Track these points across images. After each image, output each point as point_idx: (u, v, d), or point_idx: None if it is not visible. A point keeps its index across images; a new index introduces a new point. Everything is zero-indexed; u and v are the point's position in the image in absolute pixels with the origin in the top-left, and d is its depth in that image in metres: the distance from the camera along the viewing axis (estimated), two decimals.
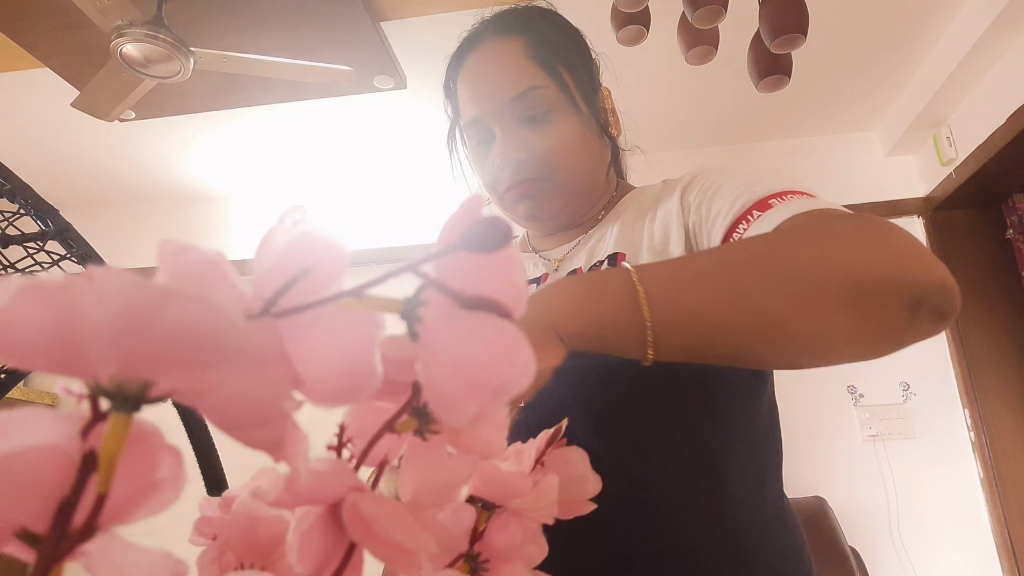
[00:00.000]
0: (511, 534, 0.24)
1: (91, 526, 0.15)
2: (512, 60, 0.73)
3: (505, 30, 0.76)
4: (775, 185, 0.58)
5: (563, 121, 0.73)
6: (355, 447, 0.20)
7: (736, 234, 0.58)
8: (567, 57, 0.76)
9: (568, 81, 0.75)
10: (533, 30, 0.76)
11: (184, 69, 1.69)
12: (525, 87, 0.72)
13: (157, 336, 0.13)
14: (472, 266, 0.17)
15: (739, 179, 0.62)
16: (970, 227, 2.52)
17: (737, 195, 0.60)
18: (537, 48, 0.74)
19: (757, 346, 0.43)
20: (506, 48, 0.74)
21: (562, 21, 0.81)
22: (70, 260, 0.51)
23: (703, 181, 0.67)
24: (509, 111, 0.72)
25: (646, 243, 0.70)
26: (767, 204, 0.57)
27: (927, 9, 2.01)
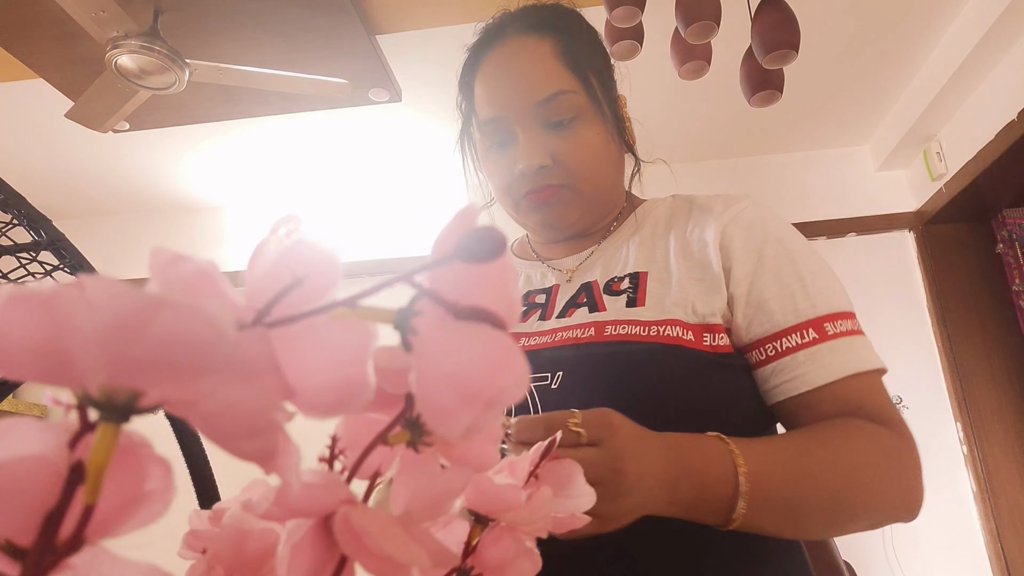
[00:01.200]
0: (504, 548, 0.24)
1: (78, 539, 0.15)
2: (541, 60, 0.70)
3: (534, 28, 0.72)
4: (827, 301, 0.64)
5: (589, 128, 0.71)
6: (347, 459, 0.20)
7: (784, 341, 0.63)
8: (595, 62, 0.74)
9: (596, 87, 0.72)
10: (563, 30, 0.72)
11: (179, 81, 1.69)
12: (554, 91, 0.69)
13: (147, 345, 0.13)
14: (466, 276, 0.17)
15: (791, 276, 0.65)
16: (960, 241, 2.54)
17: (793, 302, 0.64)
18: (567, 50, 0.71)
19: (813, 530, 0.58)
20: (535, 47, 0.71)
21: (587, 23, 0.78)
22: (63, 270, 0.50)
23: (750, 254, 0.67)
24: (534, 114, 0.69)
25: (675, 265, 0.69)
26: (823, 329, 0.63)
27: (917, 25, 2.04)
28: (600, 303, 0.70)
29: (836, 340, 0.62)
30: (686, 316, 0.65)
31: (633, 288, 0.69)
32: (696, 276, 0.67)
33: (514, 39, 0.72)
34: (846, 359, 0.62)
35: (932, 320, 2.49)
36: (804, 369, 0.62)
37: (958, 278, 2.48)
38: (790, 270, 0.65)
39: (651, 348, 0.62)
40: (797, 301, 0.64)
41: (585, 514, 0.29)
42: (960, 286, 2.47)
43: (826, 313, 0.63)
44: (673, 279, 0.68)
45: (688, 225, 0.73)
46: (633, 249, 0.74)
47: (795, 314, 0.63)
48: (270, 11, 1.74)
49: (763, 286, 0.65)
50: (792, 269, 0.65)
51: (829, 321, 0.63)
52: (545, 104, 0.69)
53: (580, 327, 0.67)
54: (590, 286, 0.73)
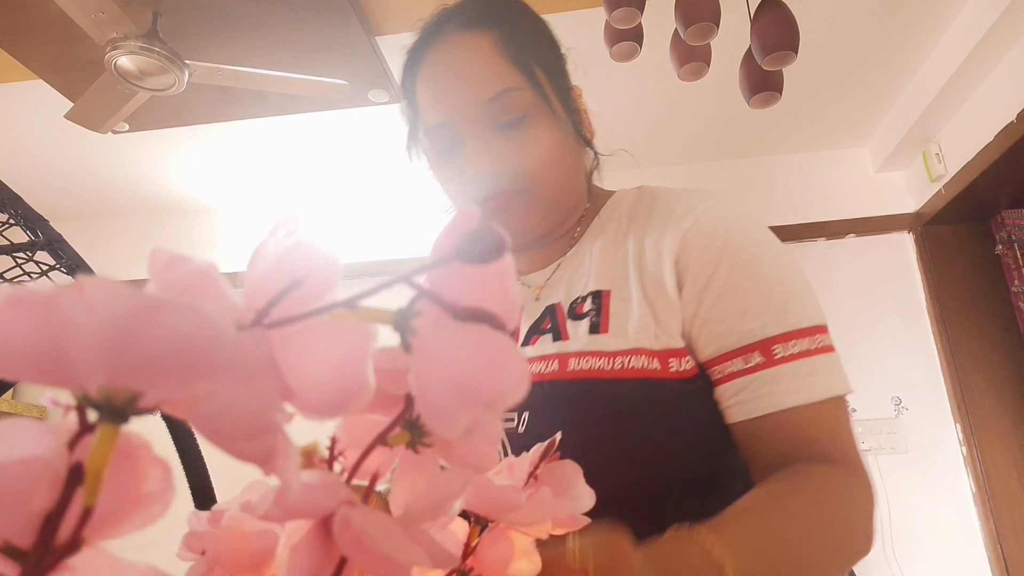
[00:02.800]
0: (504, 549, 0.24)
1: (77, 540, 0.15)
2: (483, 58, 0.65)
3: (473, 23, 0.67)
4: (780, 319, 0.59)
5: (540, 126, 0.66)
6: (347, 460, 0.20)
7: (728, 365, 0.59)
8: (541, 54, 0.69)
9: (544, 82, 0.67)
10: (504, 23, 0.67)
11: (178, 82, 1.69)
12: (499, 89, 0.64)
13: (146, 346, 0.13)
14: (466, 277, 0.17)
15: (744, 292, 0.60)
16: (960, 242, 2.54)
17: (741, 322, 0.59)
18: (510, 44, 0.66)
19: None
20: (475, 44, 0.66)
21: (532, 13, 0.73)
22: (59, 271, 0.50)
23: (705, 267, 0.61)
24: (481, 116, 0.65)
25: (633, 282, 0.65)
26: (770, 352, 0.58)
27: (917, 27, 2.04)
28: (563, 330, 0.67)
29: (784, 365, 0.57)
30: (650, 342, 0.61)
31: (596, 311, 0.65)
32: (652, 294, 0.63)
33: (453, 37, 0.67)
34: (791, 387, 0.57)
35: (931, 321, 2.49)
36: (743, 397, 0.59)
37: (957, 279, 2.49)
38: (744, 284, 0.60)
39: (617, 386, 0.60)
40: (746, 321, 0.59)
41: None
42: (959, 287, 2.47)
43: (777, 333, 0.58)
44: (633, 299, 0.64)
45: (647, 228, 0.68)
46: (595, 260, 0.69)
47: (742, 335, 0.59)
48: (269, 12, 1.74)
49: (711, 305, 0.60)
50: (747, 283, 0.60)
51: (780, 342, 0.58)
52: (491, 104, 0.64)
53: (544, 359, 0.65)
54: (554, 309, 0.69)
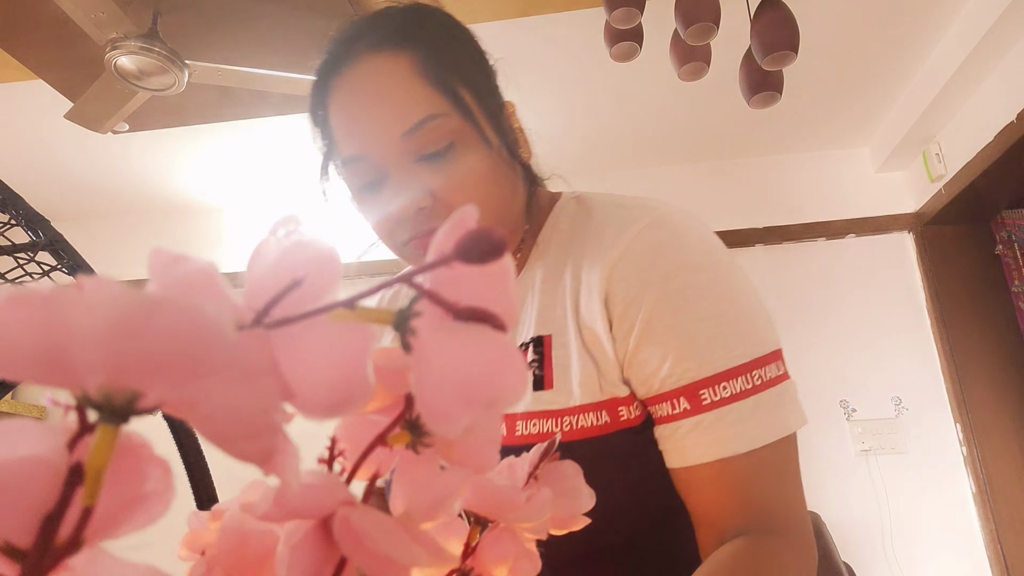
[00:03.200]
0: (504, 549, 0.24)
1: (77, 540, 0.15)
2: (400, 82, 0.58)
3: (386, 42, 0.60)
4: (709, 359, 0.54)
5: (469, 154, 0.59)
6: (346, 460, 0.20)
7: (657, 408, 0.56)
8: (466, 73, 0.61)
9: (471, 104, 0.60)
10: (422, 40, 0.60)
11: (179, 82, 1.69)
12: (420, 117, 0.57)
13: (146, 346, 0.13)
14: (466, 277, 0.17)
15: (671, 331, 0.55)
16: (960, 243, 2.54)
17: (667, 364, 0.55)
18: (430, 64, 0.59)
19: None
20: (390, 66, 0.59)
21: (452, 23, 0.65)
22: (61, 271, 0.50)
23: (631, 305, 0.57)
24: (402, 147, 0.58)
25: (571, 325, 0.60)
26: (697, 398, 0.54)
27: (917, 27, 2.04)
28: None
29: (712, 412, 0.53)
30: (595, 395, 0.57)
31: (538, 361, 0.60)
32: (588, 340, 0.59)
33: (365, 58, 0.60)
34: (718, 437, 0.53)
35: (931, 321, 2.49)
36: (671, 444, 0.56)
37: (957, 279, 2.48)
38: (668, 323, 0.55)
39: (568, 449, 0.52)
40: (670, 364, 0.54)
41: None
42: (959, 287, 2.47)
43: (704, 377, 0.54)
44: (572, 346, 0.59)
45: (583, 258, 0.62)
46: (537, 296, 0.63)
47: (665, 380, 0.55)
48: (269, 12, 1.74)
49: (635, 347, 0.56)
50: (671, 321, 0.55)
51: (708, 386, 0.53)
52: (412, 134, 0.57)
53: None
54: None
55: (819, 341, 2.47)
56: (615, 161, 2.70)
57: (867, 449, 2.38)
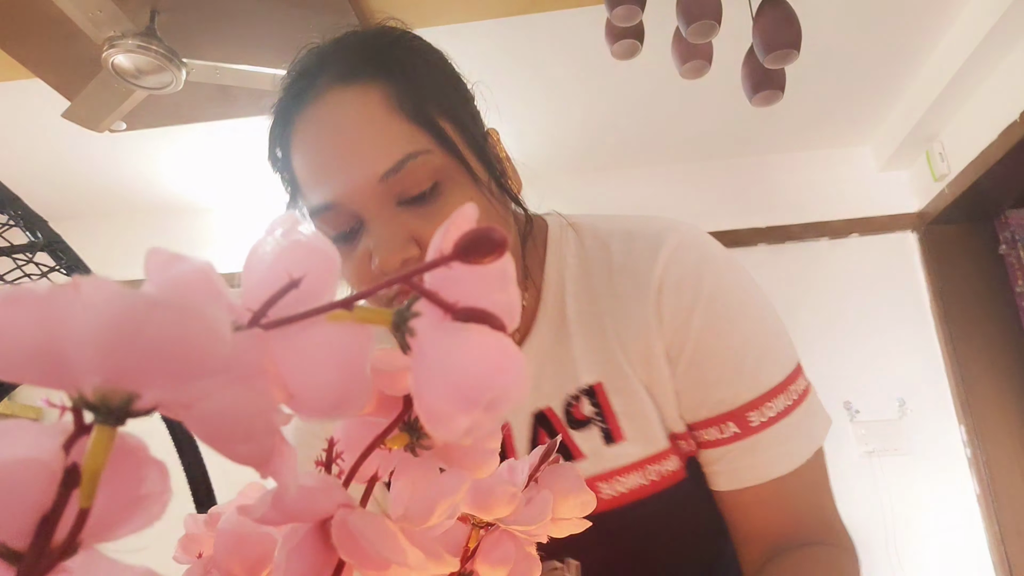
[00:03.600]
0: (504, 552, 0.23)
1: (73, 542, 0.15)
2: (373, 118, 0.51)
3: (355, 73, 0.53)
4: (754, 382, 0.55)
5: (456, 193, 0.52)
6: (345, 462, 0.20)
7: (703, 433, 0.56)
8: (446, 101, 0.55)
9: (455, 136, 0.53)
10: (394, 68, 0.53)
11: (176, 80, 1.69)
12: (399, 156, 0.50)
13: (143, 347, 0.13)
14: (465, 277, 0.17)
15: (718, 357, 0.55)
16: (963, 242, 2.53)
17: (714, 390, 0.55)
18: (405, 95, 0.52)
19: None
20: (361, 100, 0.52)
21: (425, 47, 0.59)
22: (59, 271, 0.50)
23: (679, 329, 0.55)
24: (381, 192, 0.51)
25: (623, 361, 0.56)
26: (745, 422, 0.54)
27: (919, 25, 2.03)
28: (573, 448, 0.57)
29: (761, 434, 0.54)
30: (664, 434, 0.56)
31: (599, 413, 0.57)
32: (646, 377, 0.56)
33: (331, 93, 0.53)
34: (769, 458, 0.54)
35: (935, 321, 2.48)
36: (720, 467, 0.56)
37: (961, 279, 2.48)
38: (716, 348, 0.55)
39: (661, 502, 0.55)
40: (719, 390, 0.54)
41: None
42: (963, 287, 2.47)
43: (751, 399, 0.54)
44: (634, 388, 0.56)
45: (613, 298, 0.58)
46: (566, 344, 0.58)
47: (715, 406, 0.55)
48: (267, 11, 1.74)
49: (684, 373, 0.55)
50: (719, 345, 0.55)
51: (755, 408, 0.54)
52: (392, 176, 0.50)
53: None
54: (544, 417, 0.58)
55: (822, 342, 2.47)
56: (616, 160, 2.70)
57: (871, 451, 2.38)
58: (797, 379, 0.56)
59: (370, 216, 0.52)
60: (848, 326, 2.49)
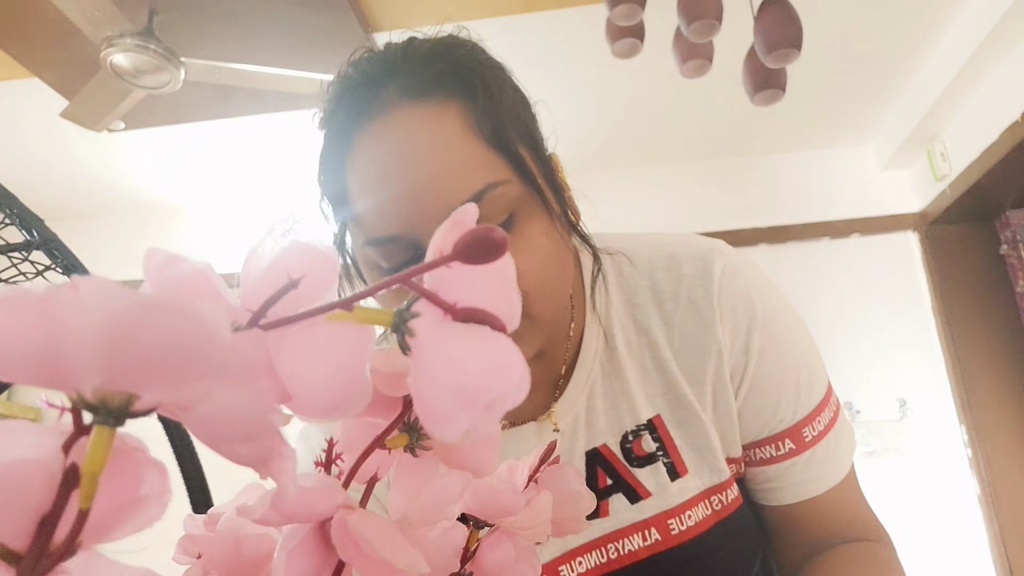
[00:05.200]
0: (504, 553, 0.23)
1: (72, 543, 0.15)
2: (450, 141, 0.45)
3: (429, 88, 0.47)
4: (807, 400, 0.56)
5: (531, 227, 0.48)
6: (344, 463, 0.20)
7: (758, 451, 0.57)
8: (522, 125, 0.50)
9: (530, 164, 0.49)
10: (472, 84, 0.47)
11: (174, 80, 1.69)
12: (479, 187, 0.45)
13: (142, 347, 0.13)
14: (465, 278, 0.17)
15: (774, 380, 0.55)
16: (964, 242, 2.53)
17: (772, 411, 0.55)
18: (485, 117, 0.46)
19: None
20: (436, 120, 0.46)
21: (496, 63, 0.53)
22: (55, 271, 0.50)
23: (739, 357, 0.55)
24: None
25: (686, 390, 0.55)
26: (800, 437, 0.55)
27: (921, 24, 2.03)
28: (636, 484, 0.55)
29: (814, 448, 0.55)
30: (723, 462, 0.55)
31: (661, 447, 0.55)
32: (711, 399, 0.55)
33: (400, 110, 0.46)
34: (823, 472, 0.56)
35: (936, 322, 2.48)
36: (777, 484, 0.56)
37: (962, 279, 2.47)
38: (773, 371, 0.55)
39: (724, 529, 0.54)
40: (779, 411, 0.55)
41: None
42: (964, 287, 2.46)
43: (804, 416, 0.55)
44: (691, 416, 0.55)
45: (668, 326, 0.56)
46: (629, 376, 0.56)
47: (775, 426, 0.55)
48: (266, 9, 1.74)
49: (744, 397, 0.55)
50: (775, 370, 0.55)
51: (807, 424, 0.55)
52: None
53: (637, 530, 0.54)
54: (599, 455, 0.55)
55: (822, 342, 2.45)
56: (616, 159, 2.70)
57: (871, 451, 2.37)
58: (831, 391, 0.58)
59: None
60: (848, 327, 2.49)
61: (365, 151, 0.47)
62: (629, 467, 0.55)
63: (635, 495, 0.55)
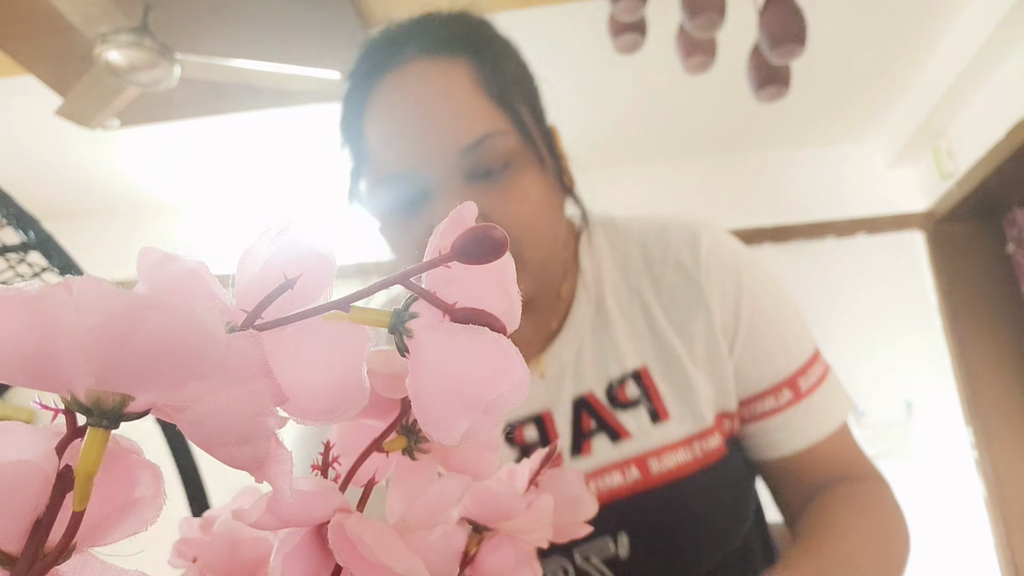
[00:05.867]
0: (503, 557, 0.23)
1: (67, 546, 0.15)
2: (460, 92, 0.53)
3: (443, 47, 0.54)
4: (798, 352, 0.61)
5: (524, 176, 0.54)
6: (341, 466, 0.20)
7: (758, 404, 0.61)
8: (525, 88, 0.58)
9: (529, 123, 0.56)
10: (482, 47, 0.55)
11: (169, 76, 1.69)
12: (481, 133, 0.52)
13: (136, 349, 0.13)
14: (464, 278, 0.16)
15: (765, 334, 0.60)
16: (971, 241, 2.51)
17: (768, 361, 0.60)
18: (491, 75, 0.54)
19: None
20: (447, 73, 0.53)
21: (504, 36, 0.60)
22: (52, 271, 0.50)
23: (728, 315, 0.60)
24: (456, 165, 0.52)
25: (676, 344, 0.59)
26: (796, 387, 0.60)
27: (926, 21, 2.02)
28: (617, 427, 0.58)
29: (810, 397, 0.59)
30: (712, 413, 0.59)
31: (645, 394, 0.59)
32: (703, 352, 0.59)
33: (417, 63, 0.54)
34: (820, 419, 0.59)
35: (942, 322, 2.46)
36: (780, 435, 0.60)
37: (969, 279, 2.46)
38: (763, 326, 0.60)
39: (707, 478, 0.57)
40: (772, 360, 0.59)
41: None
42: (970, 286, 2.45)
43: (798, 367, 0.60)
44: (679, 368, 0.59)
45: (657, 286, 0.61)
46: (617, 331, 0.61)
47: (774, 376, 0.59)
48: (262, 5, 1.73)
49: (741, 351, 0.60)
50: (769, 325, 0.60)
51: (802, 375, 0.60)
52: (470, 152, 0.52)
53: (618, 468, 0.57)
54: (586, 402, 0.60)
55: (828, 342, 2.44)
56: (618, 156, 2.69)
57: (877, 453, 2.36)
58: (819, 352, 0.63)
59: (440, 189, 0.53)
60: (854, 327, 2.48)
61: (382, 97, 0.55)
62: (612, 411, 0.59)
63: (616, 435, 0.59)
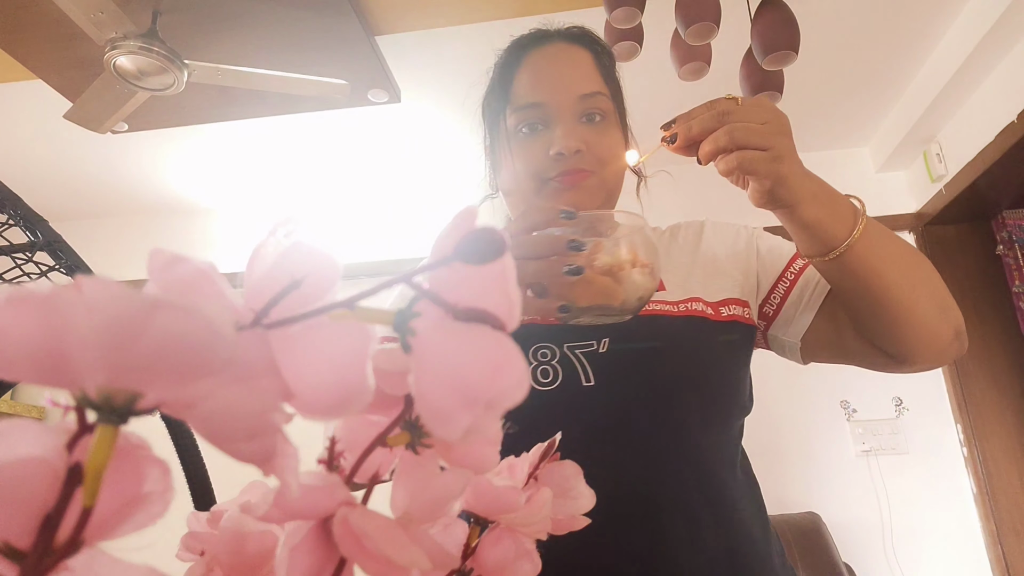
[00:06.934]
0: (504, 550, 0.23)
1: (76, 541, 0.15)
2: (583, 64, 0.81)
3: (576, 39, 0.84)
4: (790, 249, 0.84)
5: (613, 128, 0.82)
6: (346, 461, 0.20)
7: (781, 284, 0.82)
8: (616, 79, 0.87)
9: (618, 97, 0.85)
10: (597, 47, 0.85)
11: (178, 82, 1.69)
12: (593, 89, 0.79)
13: (145, 347, 0.13)
14: (466, 277, 0.17)
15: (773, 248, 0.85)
16: (961, 243, 2.53)
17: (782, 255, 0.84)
18: (601, 62, 0.83)
19: (892, 297, 0.69)
20: (577, 53, 0.82)
21: (609, 47, 0.89)
22: (59, 271, 0.50)
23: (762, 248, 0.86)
24: (574, 105, 0.78)
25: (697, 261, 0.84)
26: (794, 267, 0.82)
27: (917, 27, 2.04)
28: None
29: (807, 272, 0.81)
30: (705, 295, 0.80)
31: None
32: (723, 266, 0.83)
33: (559, 44, 0.83)
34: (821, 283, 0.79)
35: None
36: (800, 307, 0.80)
37: (958, 279, 2.48)
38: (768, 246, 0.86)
39: (680, 320, 0.77)
40: (780, 256, 0.83)
41: (753, 175, 0.63)
42: (960, 288, 2.47)
43: (792, 254, 0.83)
44: (684, 272, 0.82)
45: (698, 241, 0.88)
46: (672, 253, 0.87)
47: (779, 263, 0.83)
48: (269, 12, 1.74)
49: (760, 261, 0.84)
50: (768, 245, 0.86)
51: (797, 258, 0.82)
52: (585, 99, 0.78)
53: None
54: None
55: None
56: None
57: (868, 449, 2.38)
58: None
59: (562, 119, 0.78)
60: None
61: (535, 56, 0.82)
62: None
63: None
